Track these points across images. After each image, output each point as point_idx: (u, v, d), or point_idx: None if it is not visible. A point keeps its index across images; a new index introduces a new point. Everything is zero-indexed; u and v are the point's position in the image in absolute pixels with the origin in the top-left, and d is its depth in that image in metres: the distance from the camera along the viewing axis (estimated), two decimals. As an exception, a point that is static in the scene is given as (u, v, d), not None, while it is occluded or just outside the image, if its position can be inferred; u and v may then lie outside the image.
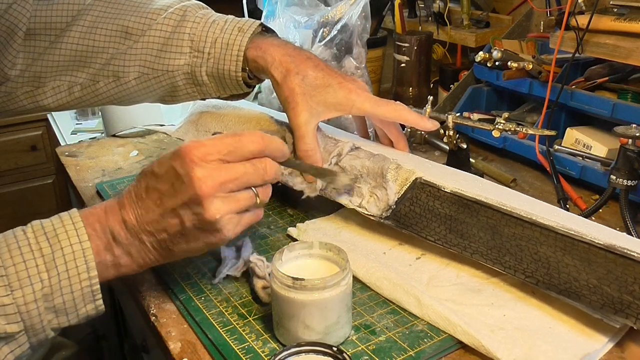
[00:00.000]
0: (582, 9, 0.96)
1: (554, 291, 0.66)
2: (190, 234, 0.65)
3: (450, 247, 0.75)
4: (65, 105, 0.95)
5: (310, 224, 0.87)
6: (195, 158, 0.63)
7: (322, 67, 0.87)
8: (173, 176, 0.64)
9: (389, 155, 0.85)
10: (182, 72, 0.89)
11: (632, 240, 0.72)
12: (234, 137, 0.66)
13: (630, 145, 0.83)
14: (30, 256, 0.60)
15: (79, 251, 0.62)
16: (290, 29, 1.29)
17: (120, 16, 0.90)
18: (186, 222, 0.64)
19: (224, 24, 0.88)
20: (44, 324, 0.61)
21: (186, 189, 0.63)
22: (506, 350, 0.61)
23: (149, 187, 0.66)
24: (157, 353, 0.73)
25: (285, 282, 0.62)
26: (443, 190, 0.76)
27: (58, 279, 0.60)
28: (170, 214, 0.64)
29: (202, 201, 0.63)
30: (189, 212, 0.64)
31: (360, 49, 1.27)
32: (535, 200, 0.81)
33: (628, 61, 0.91)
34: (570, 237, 0.66)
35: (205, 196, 0.63)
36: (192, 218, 0.64)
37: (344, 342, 0.65)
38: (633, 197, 0.87)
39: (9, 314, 0.59)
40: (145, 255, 0.67)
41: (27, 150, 2.53)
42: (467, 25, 1.38)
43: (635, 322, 0.61)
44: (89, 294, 0.63)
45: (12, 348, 0.60)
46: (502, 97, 1.24)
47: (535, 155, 1.03)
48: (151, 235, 0.66)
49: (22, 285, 0.59)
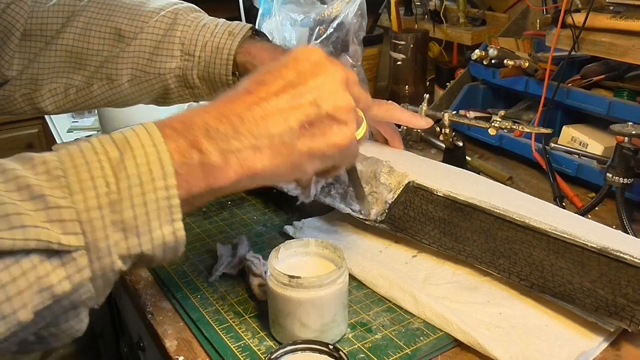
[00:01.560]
0: (578, 6, 0.96)
1: (548, 294, 0.66)
2: (321, 124, 0.56)
3: (445, 250, 0.75)
4: (62, 108, 0.95)
5: (307, 222, 0.87)
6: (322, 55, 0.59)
7: None
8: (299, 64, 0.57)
9: (384, 153, 0.85)
10: (174, 75, 0.89)
11: (628, 238, 0.72)
12: None
13: (626, 143, 0.83)
14: (94, 158, 0.48)
15: (152, 154, 0.49)
16: (287, 27, 1.29)
17: (113, 18, 0.90)
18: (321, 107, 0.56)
19: (215, 28, 0.88)
20: (110, 243, 0.47)
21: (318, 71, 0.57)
22: (502, 348, 0.61)
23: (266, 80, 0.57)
24: (154, 351, 0.74)
25: (282, 280, 0.62)
26: (436, 194, 0.76)
27: (127, 184, 0.48)
28: (302, 99, 0.56)
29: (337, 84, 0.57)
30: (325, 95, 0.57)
31: (356, 46, 1.27)
32: (530, 197, 0.81)
33: (624, 59, 0.91)
34: (563, 240, 0.66)
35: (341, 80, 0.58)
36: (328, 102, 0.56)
37: (340, 340, 0.66)
38: (629, 194, 0.87)
39: (67, 220, 0.45)
40: (252, 154, 0.54)
41: (23, 148, 2.51)
42: (463, 23, 1.38)
43: (630, 324, 0.61)
44: (165, 210, 0.49)
45: (69, 271, 0.46)
46: (498, 95, 1.24)
47: (532, 153, 1.03)
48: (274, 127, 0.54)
49: (84, 188, 0.47)
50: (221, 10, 0.93)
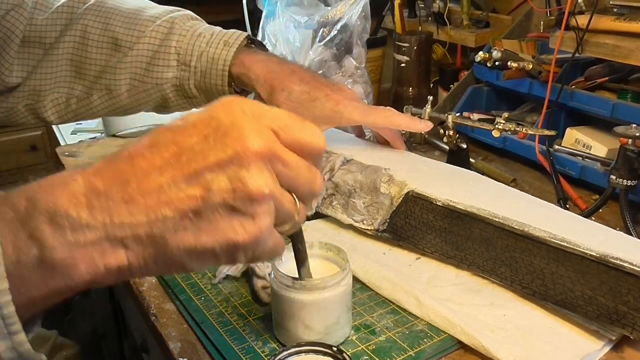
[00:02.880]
0: (582, 9, 0.96)
1: (551, 302, 0.67)
2: (211, 216, 0.42)
3: (447, 258, 0.76)
4: (64, 118, 0.95)
5: (310, 225, 0.87)
6: (247, 111, 0.44)
7: (307, 79, 0.86)
8: (210, 126, 0.43)
9: (386, 156, 0.85)
10: (172, 84, 0.89)
11: (631, 240, 0.72)
12: (297, 117, 0.48)
13: (630, 145, 0.83)
14: None
15: None
16: (290, 29, 1.29)
17: (109, 27, 0.90)
18: (214, 193, 0.42)
19: (210, 38, 0.88)
20: None
21: (230, 141, 0.43)
22: (506, 350, 0.61)
23: (159, 143, 0.43)
24: (157, 353, 0.74)
25: (285, 282, 0.62)
26: (435, 203, 0.76)
27: None
28: (190, 178, 0.42)
29: (250, 162, 0.42)
30: (223, 178, 0.42)
31: (360, 48, 1.27)
32: (534, 198, 0.80)
33: (628, 61, 0.91)
34: (562, 249, 0.66)
35: (256, 156, 0.43)
36: (225, 187, 0.42)
37: (344, 342, 0.66)
38: (633, 197, 0.87)
39: None
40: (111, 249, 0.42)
41: (27, 150, 2.53)
42: (467, 25, 1.38)
43: (632, 332, 0.62)
44: None
45: None
46: (501, 97, 1.24)
47: (535, 155, 1.03)
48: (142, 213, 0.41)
49: None
50: (225, 12, 0.93)
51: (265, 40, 1.31)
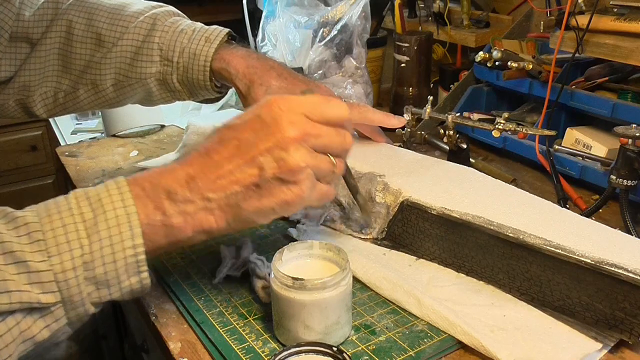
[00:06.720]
0: (582, 9, 0.96)
1: (549, 308, 0.67)
2: (267, 186, 0.60)
3: (446, 266, 0.76)
4: (53, 112, 0.97)
5: (310, 225, 0.87)
6: (283, 107, 0.61)
7: (285, 75, 0.88)
8: (257, 123, 0.60)
9: (378, 158, 0.85)
10: (155, 79, 0.91)
11: (631, 239, 0.72)
12: (322, 97, 0.64)
13: (630, 145, 0.83)
14: (70, 220, 0.55)
15: (122, 216, 0.56)
16: (290, 29, 1.29)
17: (93, 23, 0.92)
18: (266, 171, 0.59)
19: (192, 34, 0.89)
20: (84, 296, 0.55)
21: (272, 132, 0.59)
22: (506, 351, 0.61)
23: (225, 139, 0.61)
24: (157, 353, 0.74)
25: (286, 282, 0.62)
26: (430, 212, 0.76)
27: (100, 246, 0.55)
28: (249, 163, 0.59)
29: (288, 146, 0.59)
30: (271, 159, 0.59)
31: (360, 48, 1.27)
32: (534, 197, 0.80)
33: (628, 61, 0.91)
34: (557, 257, 0.66)
35: (292, 140, 0.59)
36: (273, 166, 0.59)
37: (344, 342, 0.66)
38: (633, 197, 0.87)
39: (45, 282, 0.53)
40: (205, 216, 0.60)
41: (27, 150, 2.53)
42: (467, 25, 1.38)
43: (630, 337, 0.62)
44: (133, 265, 0.57)
45: (48, 322, 0.55)
46: (502, 97, 1.24)
47: (535, 155, 1.03)
48: (220, 190, 0.60)
49: (60, 251, 0.54)
50: (225, 12, 0.94)
51: (265, 40, 1.31)
